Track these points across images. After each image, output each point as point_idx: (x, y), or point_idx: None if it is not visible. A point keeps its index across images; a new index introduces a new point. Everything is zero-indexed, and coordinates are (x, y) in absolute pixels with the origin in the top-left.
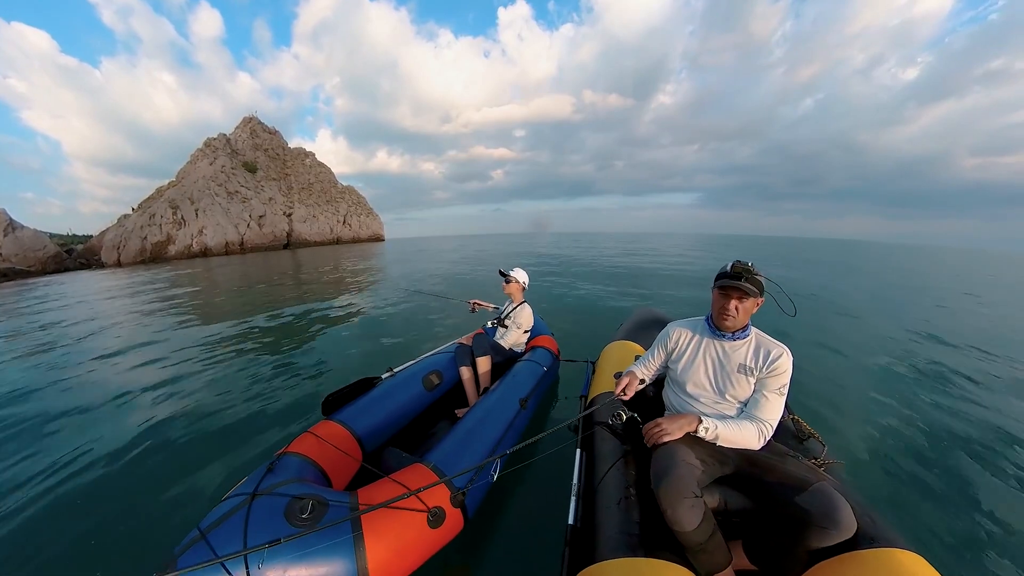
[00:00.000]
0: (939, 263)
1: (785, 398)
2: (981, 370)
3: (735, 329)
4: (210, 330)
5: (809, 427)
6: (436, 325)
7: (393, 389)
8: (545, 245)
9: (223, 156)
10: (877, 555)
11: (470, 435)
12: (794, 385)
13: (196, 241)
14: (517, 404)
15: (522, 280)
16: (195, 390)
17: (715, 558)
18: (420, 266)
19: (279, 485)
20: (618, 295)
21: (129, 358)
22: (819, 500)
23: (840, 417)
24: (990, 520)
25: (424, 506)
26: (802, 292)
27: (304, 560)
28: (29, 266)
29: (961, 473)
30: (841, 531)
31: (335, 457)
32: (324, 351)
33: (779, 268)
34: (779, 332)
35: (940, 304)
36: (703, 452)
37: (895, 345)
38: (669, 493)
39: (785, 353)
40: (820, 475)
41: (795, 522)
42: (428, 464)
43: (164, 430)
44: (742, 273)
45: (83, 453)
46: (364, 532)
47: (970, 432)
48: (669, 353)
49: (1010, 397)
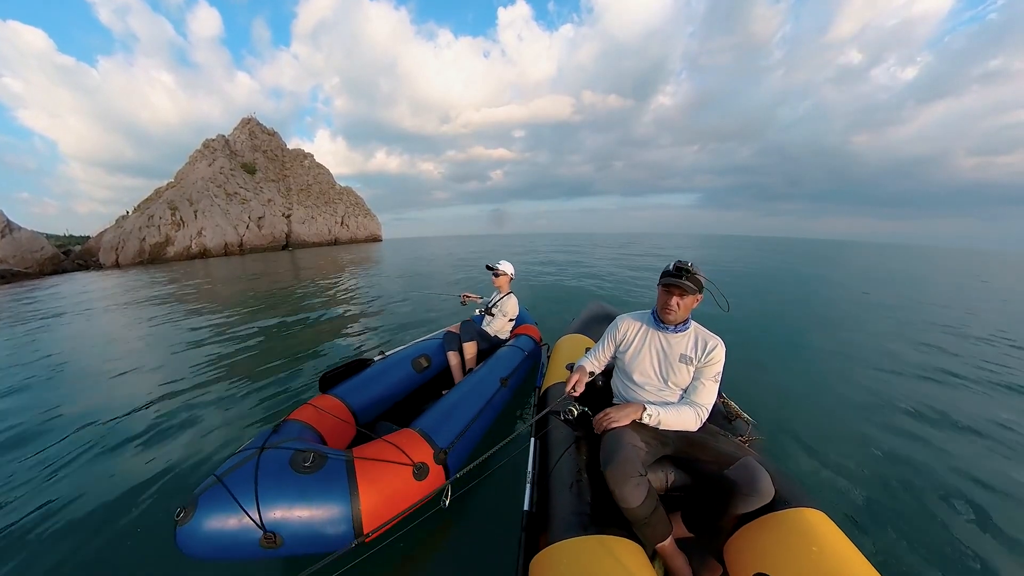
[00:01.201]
0: (860, 256)
1: (719, 384)
2: (878, 350)
3: (677, 323)
4: (214, 320)
5: (737, 408)
6: (426, 316)
7: (385, 370)
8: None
9: (222, 157)
10: (789, 515)
11: (454, 406)
12: (725, 370)
13: (195, 242)
14: (498, 382)
15: (509, 272)
16: (204, 371)
17: (658, 530)
18: (416, 267)
19: (283, 442)
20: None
21: (145, 343)
22: (744, 472)
23: (766, 397)
24: (882, 477)
25: (410, 460)
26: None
27: (305, 502)
28: (27, 267)
29: (860, 438)
30: (762, 497)
31: (332, 424)
32: (320, 338)
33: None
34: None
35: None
36: (647, 435)
37: (816, 336)
38: (616, 473)
39: (720, 344)
40: (745, 450)
41: (724, 492)
42: (416, 429)
43: (180, 404)
44: (683, 272)
45: (124, 416)
46: (358, 480)
47: (867, 400)
48: (618, 344)
49: (902, 365)
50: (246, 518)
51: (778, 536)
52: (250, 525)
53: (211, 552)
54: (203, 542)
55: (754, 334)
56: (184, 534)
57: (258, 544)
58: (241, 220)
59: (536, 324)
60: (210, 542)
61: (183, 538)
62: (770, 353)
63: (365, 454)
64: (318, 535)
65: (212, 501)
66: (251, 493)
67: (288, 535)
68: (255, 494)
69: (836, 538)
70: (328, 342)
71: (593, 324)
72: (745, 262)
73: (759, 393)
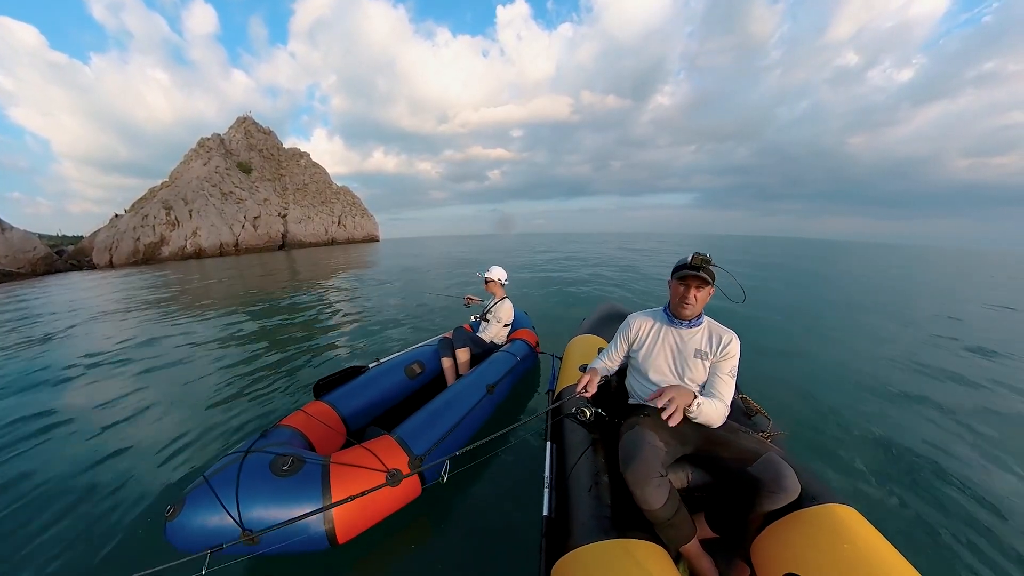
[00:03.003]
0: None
1: (735, 379)
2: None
3: (693, 317)
4: (213, 323)
5: (756, 404)
6: (425, 321)
7: (378, 376)
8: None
9: (217, 156)
10: (818, 511)
11: (435, 414)
12: (741, 366)
13: (190, 242)
14: (484, 389)
15: (498, 277)
16: (202, 376)
17: (682, 531)
18: (415, 269)
19: (269, 446)
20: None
21: (140, 347)
22: (768, 468)
23: (783, 393)
24: (910, 470)
25: (384, 467)
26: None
27: (281, 503)
28: (19, 268)
29: (884, 432)
30: (788, 493)
31: (322, 430)
32: (317, 343)
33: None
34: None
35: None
36: (666, 434)
37: (830, 334)
38: (637, 475)
39: (734, 338)
40: (767, 446)
41: (749, 490)
42: (394, 436)
43: (171, 409)
44: (701, 264)
45: (119, 422)
46: (332, 485)
47: (891, 391)
48: (631, 343)
49: (922, 368)
50: (227, 516)
51: (807, 534)
52: (231, 523)
53: (196, 546)
54: (189, 536)
55: (769, 330)
56: (172, 529)
57: (238, 541)
58: (237, 220)
59: (534, 328)
60: (195, 537)
61: (171, 532)
62: (786, 349)
63: (342, 459)
64: (292, 536)
65: (198, 499)
66: (232, 493)
67: (264, 534)
68: (236, 494)
69: (869, 534)
70: (325, 349)
71: (605, 324)
72: (750, 260)
73: (777, 389)
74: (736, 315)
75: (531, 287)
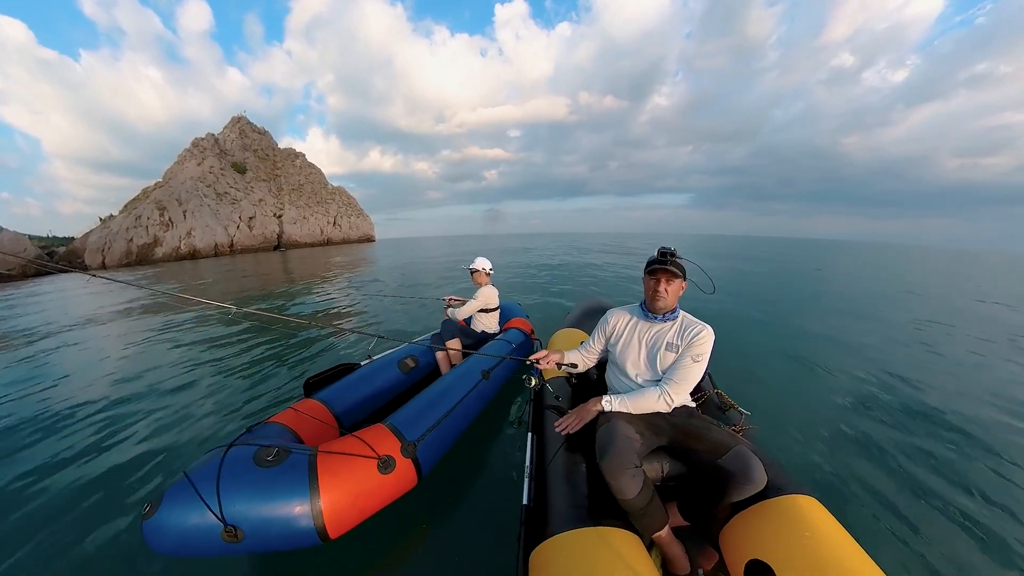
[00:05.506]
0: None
1: (702, 367)
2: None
3: (666, 310)
4: (203, 323)
5: (730, 399)
6: (417, 318)
7: (371, 373)
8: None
9: (211, 156)
10: (783, 501)
11: (430, 401)
12: (719, 362)
13: (184, 243)
14: (479, 375)
15: (482, 267)
16: (190, 375)
17: (655, 520)
18: (409, 268)
19: (254, 440)
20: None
21: (127, 347)
22: (737, 461)
23: (757, 388)
24: (872, 462)
25: (375, 454)
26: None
27: (266, 495)
28: (9, 270)
29: (849, 427)
30: (755, 484)
31: (313, 426)
32: (309, 342)
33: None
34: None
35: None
36: (641, 426)
37: (807, 333)
38: (612, 465)
39: (706, 329)
40: (739, 439)
41: (719, 481)
42: (386, 423)
43: (158, 407)
44: (667, 256)
45: (109, 423)
46: (320, 473)
47: (859, 391)
48: (608, 337)
49: (887, 360)
50: (208, 511)
51: (772, 523)
52: (212, 518)
53: (176, 546)
54: (168, 536)
55: (745, 327)
56: (149, 528)
57: (220, 538)
58: (231, 220)
59: (527, 317)
60: (174, 535)
61: (148, 533)
62: (762, 346)
63: (331, 448)
64: (279, 528)
65: (176, 495)
66: (213, 487)
67: (249, 528)
68: (216, 488)
69: (828, 523)
70: (316, 346)
71: (588, 318)
72: (737, 260)
73: (752, 384)
74: (720, 311)
75: (522, 280)
